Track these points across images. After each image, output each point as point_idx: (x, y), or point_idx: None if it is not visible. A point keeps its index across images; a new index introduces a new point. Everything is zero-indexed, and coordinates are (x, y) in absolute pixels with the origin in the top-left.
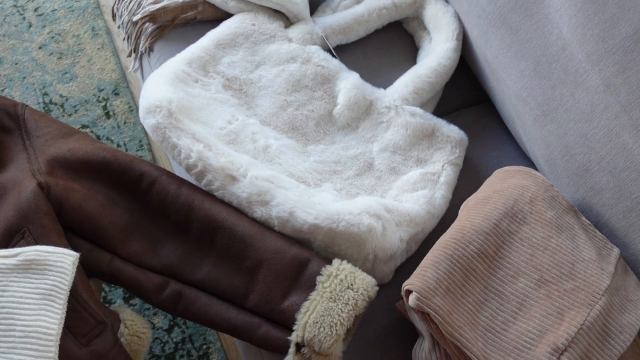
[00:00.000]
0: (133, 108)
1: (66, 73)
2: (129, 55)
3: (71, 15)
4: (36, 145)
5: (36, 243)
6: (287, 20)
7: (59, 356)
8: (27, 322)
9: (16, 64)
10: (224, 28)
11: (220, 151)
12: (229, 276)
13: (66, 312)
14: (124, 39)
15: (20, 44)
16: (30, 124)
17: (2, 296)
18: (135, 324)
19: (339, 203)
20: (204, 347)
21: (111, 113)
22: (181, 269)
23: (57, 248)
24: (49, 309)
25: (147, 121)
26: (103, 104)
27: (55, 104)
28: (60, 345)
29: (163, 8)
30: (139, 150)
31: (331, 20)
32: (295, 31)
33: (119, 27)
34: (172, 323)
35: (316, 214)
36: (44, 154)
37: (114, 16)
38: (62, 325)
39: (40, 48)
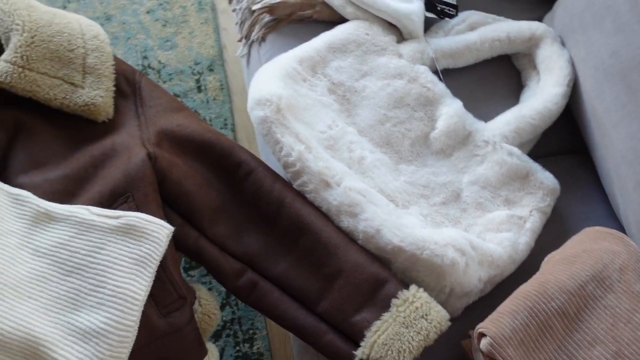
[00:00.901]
0: (224, 86)
1: (168, 41)
2: (240, 40)
3: None
4: (148, 115)
5: (137, 210)
6: (400, 35)
7: (140, 321)
8: (117, 283)
9: (123, 23)
10: (338, 32)
11: (319, 155)
12: (305, 278)
13: (153, 281)
14: (236, 23)
15: (130, 5)
16: (145, 93)
17: (99, 253)
18: (208, 304)
19: (426, 230)
20: (250, 331)
21: (203, 87)
22: (260, 260)
23: (156, 219)
24: (139, 274)
25: (255, 112)
26: (197, 77)
27: (153, 68)
28: (142, 312)
29: (283, 2)
30: (222, 128)
31: (443, 43)
32: (407, 48)
33: (233, 10)
34: (224, 301)
35: (402, 236)
36: (154, 125)
37: None
38: (148, 293)
39: (148, 12)
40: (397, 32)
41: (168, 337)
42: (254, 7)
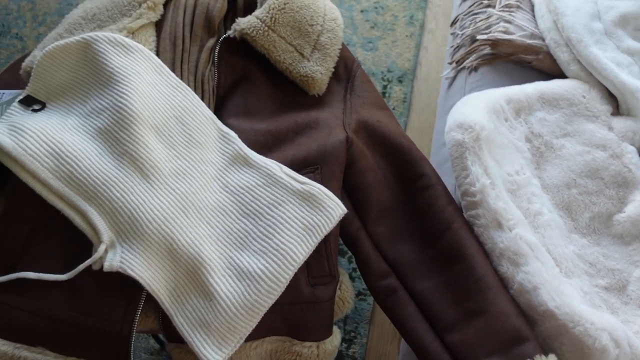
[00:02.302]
0: (407, 100)
1: (370, 42)
2: (451, 63)
3: None
4: (353, 103)
5: (321, 183)
6: (616, 108)
7: (290, 281)
8: (283, 239)
9: None
10: (554, 85)
11: (500, 195)
12: (445, 304)
13: (313, 251)
14: (452, 46)
15: (348, 0)
16: (357, 83)
17: (277, 208)
18: (347, 290)
19: (585, 307)
20: (352, 333)
21: (387, 95)
22: (407, 271)
23: (335, 196)
24: (305, 240)
25: (454, 134)
26: (385, 84)
27: None
28: (295, 274)
29: (509, 41)
30: None
31: None
32: (620, 123)
33: (452, 33)
34: None
35: (559, 303)
36: (357, 114)
37: (454, 22)
38: (305, 259)
39: (361, 11)
40: (614, 104)
41: (307, 305)
42: (479, 37)
